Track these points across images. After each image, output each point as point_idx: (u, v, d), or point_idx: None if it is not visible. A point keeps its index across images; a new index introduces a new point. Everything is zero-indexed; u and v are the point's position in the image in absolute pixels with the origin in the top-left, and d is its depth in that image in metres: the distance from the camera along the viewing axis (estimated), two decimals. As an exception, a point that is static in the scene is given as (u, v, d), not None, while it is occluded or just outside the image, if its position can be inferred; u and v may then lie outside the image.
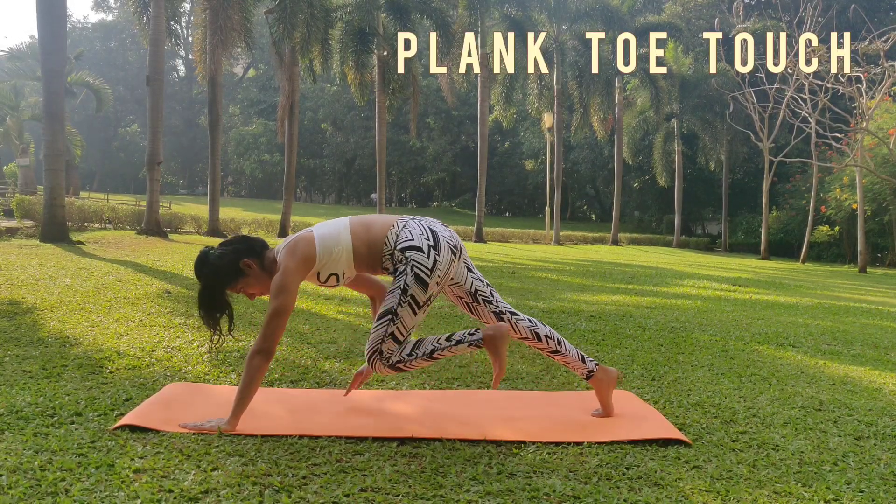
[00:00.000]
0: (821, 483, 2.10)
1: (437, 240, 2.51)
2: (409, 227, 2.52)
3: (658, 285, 9.59)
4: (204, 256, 2.54)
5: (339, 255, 2.51)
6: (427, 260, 2.46)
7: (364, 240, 2.52)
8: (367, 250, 2.52)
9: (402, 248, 2.47)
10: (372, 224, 2.56)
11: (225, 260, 2.51)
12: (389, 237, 2.51)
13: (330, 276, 2.54)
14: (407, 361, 2.50)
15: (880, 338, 5.45)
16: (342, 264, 2.52)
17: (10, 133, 26.84)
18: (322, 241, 2.50)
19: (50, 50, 11.59)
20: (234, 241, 2.60)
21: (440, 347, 2.51)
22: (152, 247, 11.83)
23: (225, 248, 2.56)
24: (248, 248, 2.56)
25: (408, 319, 2.49)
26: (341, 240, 2.51)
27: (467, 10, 23.71)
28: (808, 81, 20.47)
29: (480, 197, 24.93)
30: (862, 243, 20.41)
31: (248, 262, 2.52)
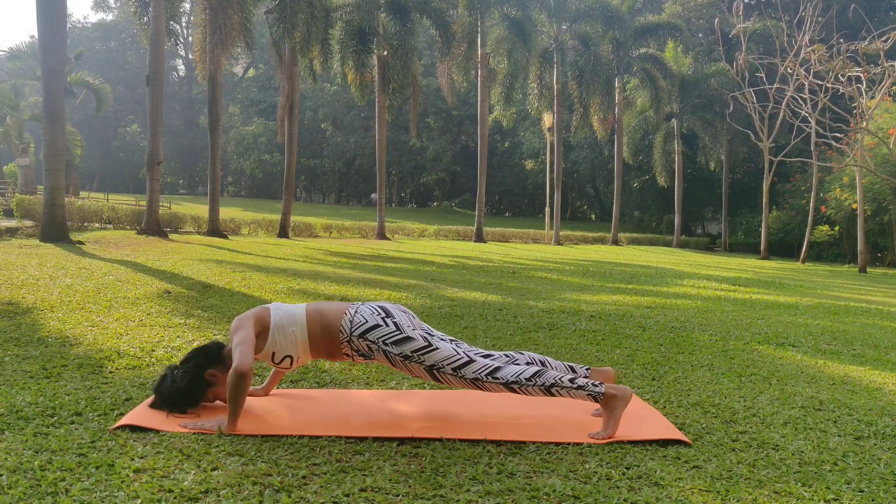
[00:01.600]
0: (821, 483, 2.10)
1: (387, 311, 2.60)
2: (360, 311, 2.60)
3: (658, 285, 9.59)
4: (163, 377, 2.57)
5: (294, 334, 2.57)
6: (388, 328, 2.55)
7: (319, 324, 2.59)
8: (321, 333, 2.59)
9: (360, 334, 2.55)
10: (327, 311, 2.63)
11: (187, 378, 2.55)
12: (344, 324, 2.58)
13: (284, 357, 2.59)
14: (524, 385, 2.51)
15: (880, 337, 5.45)
16: (298, 347, 2.58)
17: (10, 133, 26.83)
18: (277, 315, 2.59)
19: (50, 50, 11.59)
20: (191, 357, 2.63)
21: (560, 386, 2.51)
22: (152, 247, 11.83)
23: (184, 366, 2.59)
24: (206, 359, 2.61)
25: (442, 354, 2.53)
26: (297, 319, 2.59)
27: (467, 9, 23.70)
28: (809, 81, 20.45)
29: (480, 197, 24.94)
30: (862, 243, 20.41)
31: (212, 371, 2.58)
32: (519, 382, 2.50)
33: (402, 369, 2.57)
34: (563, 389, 2.50)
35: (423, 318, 5.19)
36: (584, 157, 42.32)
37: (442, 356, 2.52)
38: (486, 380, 2.51)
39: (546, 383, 2.49)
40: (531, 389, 2.50)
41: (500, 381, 2.50)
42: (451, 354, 2.53)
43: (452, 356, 2.52)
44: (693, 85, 31.71)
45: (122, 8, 49.84)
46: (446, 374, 2.52)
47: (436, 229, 27.12)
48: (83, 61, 33.39)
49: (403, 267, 10.66)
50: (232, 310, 5.14)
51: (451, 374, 2.52)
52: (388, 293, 6.73)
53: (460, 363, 2.52)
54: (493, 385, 2.51)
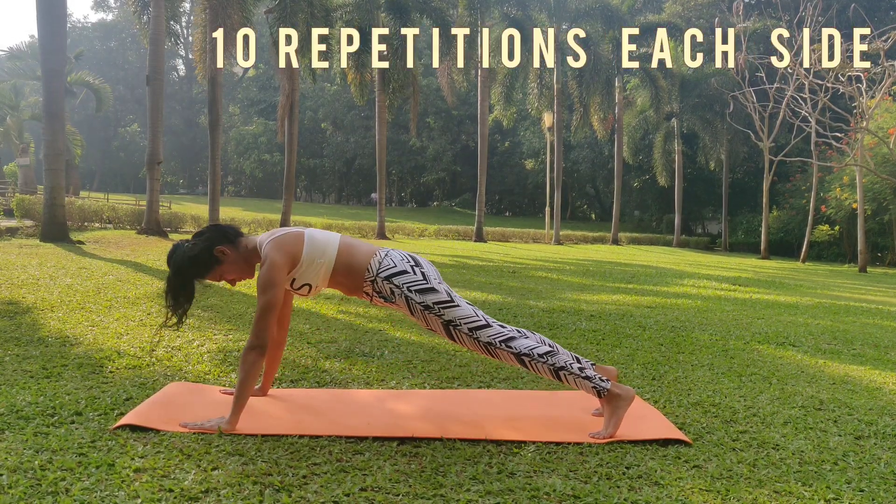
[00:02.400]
0: (821, 482, 2.10)
1: (417, 260, 2.60)
2: (390, 255, 2.59)
3: (658, 285, 9.59)
4: (176, 245, 2.57)
5: (321, 266, 2.55)
6: (416, 276, 2.53)
7: (346, 261, 2.57)
8: (345, 270, 2.57)
9: (387, 276, 2.53)
10: (357, 248, 2.61)
11: (198, 249, 2.53)
12: (372, 264, 2.56)
13: (304, 285, 2.58)
14: (535, 360, 2.49)
15: (880, 337, 5.45)
16: (319, 277, 2.57)
17: (10, 133, 26.84)
18: (310, 246, 2.54)
19: (50, 49, 11.58)
20: (206, 231, 2.62)
21: (568, 371, 2.49)
22: (152, 246, 11.83)
23: (198, 238, 2.59)
24: (220, 236, 2.59)
25: (461, 312, 2.51)
26: (327, 253, 2.56)
27: (467, 9, 23.70)
28: (809, 81, 20.45)
29: (480, 196, 24.93)
30: (862, 243, 20.41)
31: (221, 248, 2.55)
32: (531, 356, 2.48)
33: (420, 319, 2.54)
34: (570, 375, 2.48)
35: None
36: (584, 156, 42.32)
37: (462, 314, 2.51)
38: (499, 346, 2.49)
39: (556, 364, 2.48)
40: (540, 367, 2.48)
41: (512, 350, 2.49)
42: (471, 315, 2.52)
43: (471, 316, 2.52)
44: (693, 85, 31.70)
45: (122, 8, 49.86)
46: (462, 332, 2.50)
47: (436, 229, 27.12)
48: (83, 61, 33.38)
49: (403, 267, 10.65)
50: (232, 309, 5.14)
51: (467, 333, 2.50)
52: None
53: (478, 325, 2.51)
54: (504, 353, 2.50)
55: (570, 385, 2.51)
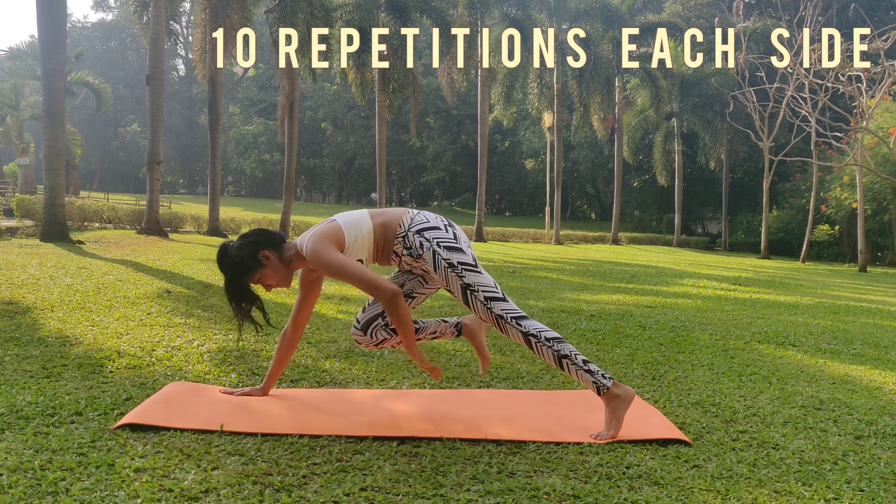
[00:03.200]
0: (821, 482, 2.10)
1: (450, 222, 2.65)
2: (423, 213, 2.64)
3: (658, 284, 9.59)
4: (224, 249, 2.61)
5: (364, 239, 2.59)
6: (447, 234, 2.56)
7: (381, 224, 2.61)
8: (382, 233, 2.61)
9: (419, 230, 2.56)
10: (387, 212, 2.67)
11: (244, 252, 2.58)
12: (404, 221, 2.61)
13: (356, 262, 2.59)
14: (541, 342, 2.48)
15: (880, 337, 5.45)
16: (365, 250, 2.61)
17: (10, 132, 26.83)
18: (348, 228, 2.58)
19: (50, 49, 11.58)
20: (253, 234, 2.66)
21: (572, 360, 2.48)
22: (152, 246, 11.83)
23: (244, 240, 2.63)
24: (267, 241, 2.63)
25: (482, 279, 2.52)
26: (363, 226, 2.60)
27: (467, 9, 23.71)
28: (809, 80, 20.45)
29: (480, 196, 24.93)
30: (862, 242, 20.41)
31: (266, 253, 2.58)
32: (538, 338, 2.48)
33: (441, 277, 2.54)
34: (573, 366, 2.48)
35: (423, 317, 5.19)
36: (585, 156, 42.33)
37: (482, 281, 2.51)
38: (510, 321, 2.49)
39: (561, 352, 2.47)
40: (545, 351, 2.48)
41: (521, 328, 2.49)
42: (490, 285, 2.53)
43: (491, 287, 2.53)
44: (693, 84, 31.70)
45: (122, 7, 49.83)
46: (478, 299, 2.50)
47: (436, 229, 27.07)
48: (83, 61, 33.38)
49: (403, 266, 10.65)
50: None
51: (483, 302, 2.50)
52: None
53: (495, 296, 2.51)
54: (513, 329, 2.50)
55: (571, 375, 2.50)
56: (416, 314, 5.38)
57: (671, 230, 34.84)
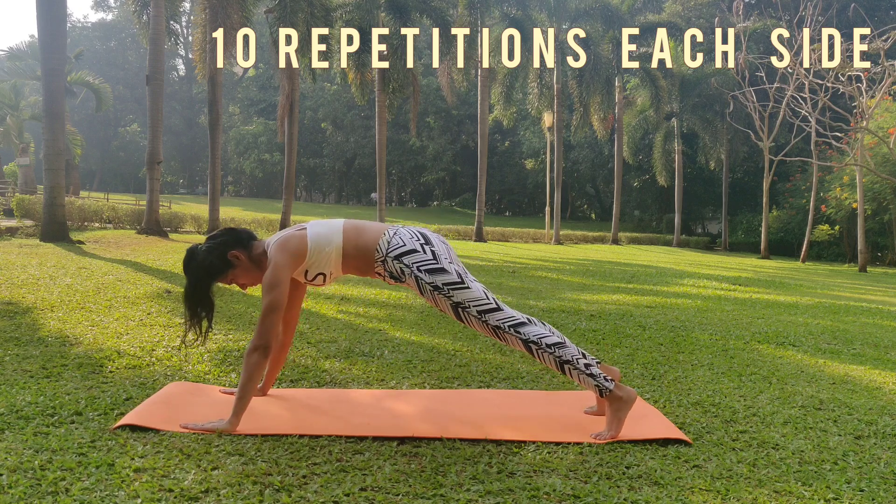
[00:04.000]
0: (821, 482, 2.10)
1: (427, 238, 2.57)
2: (399, 234, 2.56)
3: (658, 284, 9.59)
4: (192, 252, 2.57)
5: (329, 254, 2.55)
6: (425, 255, 2.51)
7: (354, 243, 2.56)
8: (355, 253, 2.56)
9: (396, 256, 2.52)
10: (364, 230, 2.60)
11: (213, 254, 2.54)
12: (381, 244, 2.54)
13: (318, 275, 2.58)
14: (542, 349, 2.46)
15: (880, 337, 5.45)
16: (331, 265, 2.57)
17: (10, 132, 26.83)
18: (314, 240, 2.54)
19: (50, 49, 11.58)
20: (220, 234, 2.63)
21: (573, 366, 2.47)
22: (152, 246, 11.83)
23: (212, 241, 2.59)
24: (235, 240, 2.59)
25: (471, 294, 2.49)
26: (333, 241, 2.55)
27: (467, 9, 23.70)
28: (809, 80, 20.45)
29: (480, 196, 24.93)
30: (862, 242, 20.41)
31: (235, 253, 2.56)
32: (538, 344, 2.46)
33: (429, 299, 2.53)
34: (575, 370, 2.47)
35: (423, 317, 5.19)
36: (584, 156, 42.32)
37: (472, 296, 2.49)
38: (507, 331, 2.47)
39: (563, 357, 2.46)
40: (546, 357, 2.47)
41: (521, 335, 2.47)
42: (482, 297, 2.50)
43: (482, 299, 2.50)
44: (693, 84, 31.70)
45: (122, 7, 49.81)
46: (470, 314, 2.48)
47: (436, 229, 27.11)
48: (83, 61, 33.37)
49: (403, 266, 10.65)
50: (232, 309, 5.14)
51: (476, 316, 2.48)
52: (388, 292, 6.73)
53: (488, 307, 2.49)
54: (512, 337, 2.48)
55: (573, 379, 2.50)
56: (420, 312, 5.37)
57: (671, 230, 34.84)
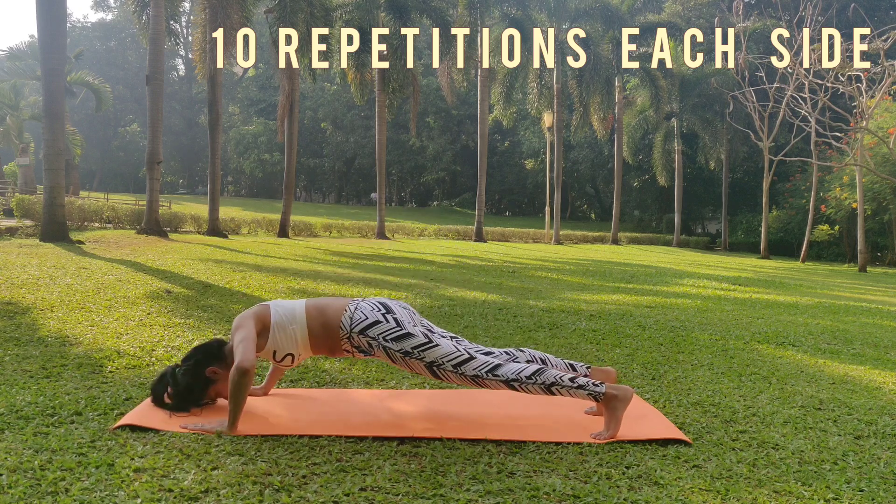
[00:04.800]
0: (820, 482, 2.10)
1: (388, 307, 2.59)
2: (360, 308, 2.58)
3: (658, 284, 9.59)
4: (164, 382, 2.57)
5: (295, 332, 2.57)
6: (389, 324, 2.53)
7: (319, 321, 2.58)
8: (321, 330, 2.58)
9: (360, 331, 2.53)
10: (326, 307, 2.62)
11: (188, 376, 2.56)
12: (344, 321, 2.56)
13: (286, 355, 2.60)
14: (524, 383, 2.49)
15: (880, 337, 5.45)
16: (298, 345, 2.58)
17: (9, 132, 26.81)
18: (277, 313, 2.59)
19: (50, 49, 11.57)
20: (192, 355, 2.64)
21: (560, 384, 2.49)
22: (152, 246, 11.82)
23: (186, 364, 2.61)
24: (207, 356, 2.61)
25: (442, 351, 2.51)
26: (296, 317, 2.58)
27: (467, 9, 23.70)
28: (808, 80, 20.45)
29: (480, 196, 24.93)
30: (862, 242, 20.41)
31: (212, 369, 2.59)
32: (519, 380, 2.48)
33: (402, 366, 2.55)
34: (563, 388, 2.49)
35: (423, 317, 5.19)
36: (584, 156, 42.32)
37: (442, 353, 2.50)
38: (486, 377, 2.49)
39: (546, 381, 2.48)
40: (532, 388, 2.49)
41: (500, 378, 2.49)
42: (452, 351, 2.51)
43: (453, 353, 2.51)
44: (693, 84, 31.70)
45: (122, 7, 49.81)
46: (447, 371, 2.50)
47: (436, 229, 27.12)
48: (83, 61, 33.36)
49: (403, 266, 10.66)
50: (231, 310, 5.14)
51: (452, 371, 2.50)
52: (387, 292, 6.73)
53: (461, 360, 2.50)
54: (493, 382, 2.50)
55: (565, 396, 2.53)
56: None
57: (671, 230, 34.83)
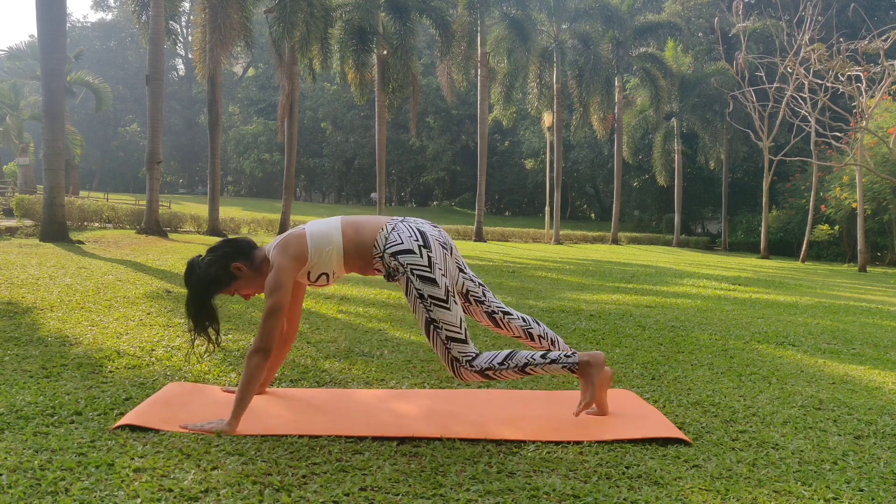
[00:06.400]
0: (820, 482, 2.10)
1: (426, 239, 2.53)
2: (397, 229, 2.54)
3: (658, 284, 9.59)
4: (193, 266, 2.55)
5: (330, 254, 2.54)
6: (421, 260, 2.49)
7: (354, 241, 2.55)
8: (355, 251, 2.55)
9: (393, 253, 2.50)
10: (362, 226, 2.58)
11: (214, 267, 2.53)
12: (379, 240, 2.53)
13: (321, 275, 2.57)
14: (497, 370, 2.50)
15: (880, 336, 5.45)
16: (333, 264, 2.56)
17: (9, 132, 26.81)
18: (313, 240, 2.54)
19: (49, 49, 11.57)
20: (221, 246, 2.60)
21: (534, 363, 2.51)
22: (152, 246, 11.82)
23: (213, 254, 2.57)
24: (235, 251, 2.58)
25: (448, 317, 2.49)
26: (332, 239, 2.55)
27: (467, 9, 23.70)
28: (808, 80, 20.45)
29: (480, 196, 24.93)
30: (862, 242, 20.41)
31: (237, 265, 2.55)
32: (492, 367, 2.49)
33: (410, 302, 2.53)
34: (537, 367, 2.51)
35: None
36: (584, 156, 42.33)
37: (448, 319, 2.48)
38: (464, 365, 2.49)
39: (519, 363, 2.49)
40: (505, 373, 2.50)
41: (475, 369, 2.50)
42: (456, 324, 2.49)
43: (455, 326, 2.49)
44: (693, 84, 31.70)
45: (122, 7, 49.81)
46: (439, 335, 2.49)
47: (435, 229, 27.07)
48: (83, 61, 33.36)
49: (403, 266, 10.64)
50: (231, 309, 5.14)
51: (443, 340, 2.49)
52: (387, 292, 6.73)
53: (457, 337, 2.49)
54: (467, 373, 2.50)
55: (540, 374, 2.55)
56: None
57: (671, 230, 34.84)
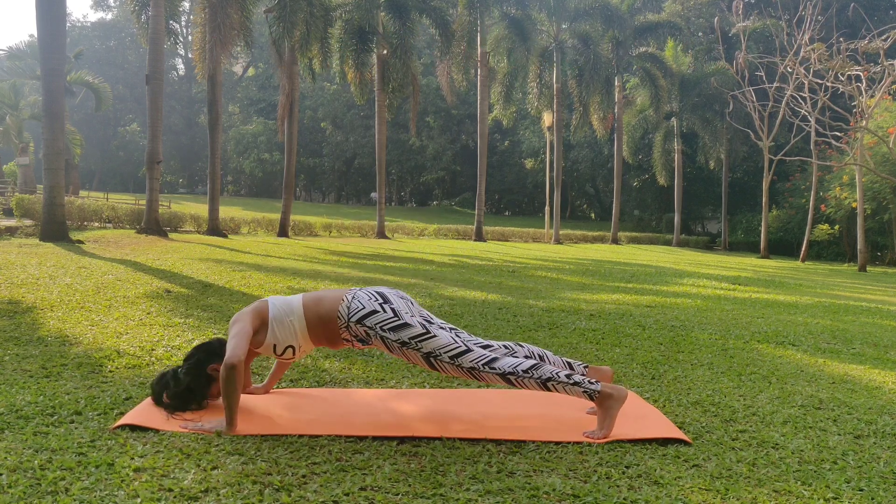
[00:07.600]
0: (820, 481, 2.10)
1: (384, 297, 2.59)
2: (357, 297, 2.59)
3: (658, 284, 9.59)
4: (165, 381, 2.58)
5: (293, 324, 2.58)
6: (386, 314, 2.53)
7: (315, 312, 2.59)
8: (319, 321, 2.59)
9: (358, 320, 2.53)
10: (322, 299, 2.63)
11: (191, 375, 2.58)
12: (342, 311, 2.57)
13: (287, 348, 2.61)
14: (521, 377, 2.49)
15: (880, 336, 5.45)
16: (298, 337, 2.59)
17: (9, 132, 26.80)
18: (275, 307, 2.60)
19: (49, 49, 11.57)
20: (193, 354, 2.67)
21: (556, 380, 2.49)
22: (152, 246, 11.82)
23: (187, 363, 2.63)
24: (208, 355, 2.64)
25: (440, 342, 2.51)
26: (293, 309, 2.60)
27: (467, 8, 23.69)
28: (808, 80, 20.45)
29: (480, 196, 24.93)
30: (861, 242, 20.41)
31: (214, 366, 2.60)
32: (516, 374, 2.49)
33: (400, 356, 2.55)
34: (559, 384, 2.49)
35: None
36: (584, 156, 42.32)
37: (440, 344, 2.50)
38: (483, 369, 2.49)
39: (542, 377, 2.49)
40: (527, 382, 2.49)
41: (496, 371, 2.49)
42: (449, 343, 2.51)
43: (450, 344, 2.51)
44: (693, 84, 31.69)
45: (122, 7, 49.80)
46: (443, 362, 2.50)
47: (435, 228, 27.13)
48: (83, 60, 33.36)
49: (403, 266, 10.67)
50: (231, 309, 5.14)
51: (449, 362, 2.50)
52: (387, 292, 6.72)
53: (458, 352, 2.50)
54: (489, 375, 2.50)
55: (561, 393, 2.52)
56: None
57: (671, 230, 34.84)
